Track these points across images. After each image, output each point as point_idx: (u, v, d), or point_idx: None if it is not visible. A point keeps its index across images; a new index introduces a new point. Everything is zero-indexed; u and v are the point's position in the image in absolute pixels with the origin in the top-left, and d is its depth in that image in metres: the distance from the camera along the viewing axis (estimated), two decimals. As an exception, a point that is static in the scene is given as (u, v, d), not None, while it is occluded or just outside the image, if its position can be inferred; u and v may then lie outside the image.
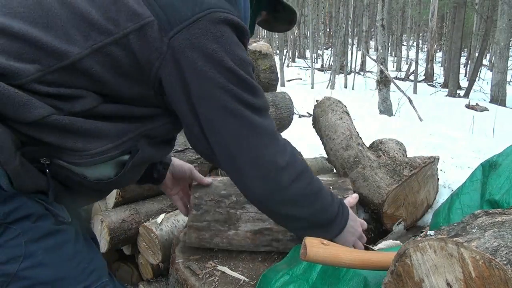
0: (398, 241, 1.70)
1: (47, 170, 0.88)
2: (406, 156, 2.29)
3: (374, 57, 10.53)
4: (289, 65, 22.41)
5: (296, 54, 27.59)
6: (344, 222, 1.17)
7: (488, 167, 1.66)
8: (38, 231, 0.86)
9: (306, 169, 1.08)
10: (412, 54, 24.45)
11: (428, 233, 0.70)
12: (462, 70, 19.79)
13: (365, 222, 1.33)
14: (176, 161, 1.38)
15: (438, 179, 2.30)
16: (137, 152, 0.97)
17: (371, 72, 20.29)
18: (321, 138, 2.41)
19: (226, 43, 0.92)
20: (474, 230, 0.66)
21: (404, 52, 28.52)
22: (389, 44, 24.21)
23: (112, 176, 0.97)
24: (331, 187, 1.40)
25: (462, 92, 14.34)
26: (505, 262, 0.57)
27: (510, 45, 12.54)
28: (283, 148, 1.02)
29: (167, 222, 1.73)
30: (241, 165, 0.98)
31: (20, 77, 0.82)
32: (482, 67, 17.93)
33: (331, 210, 1.13)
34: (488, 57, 23.53)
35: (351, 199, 1.38)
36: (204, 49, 0.90)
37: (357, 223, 1.27)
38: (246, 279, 1.24)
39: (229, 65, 0.92)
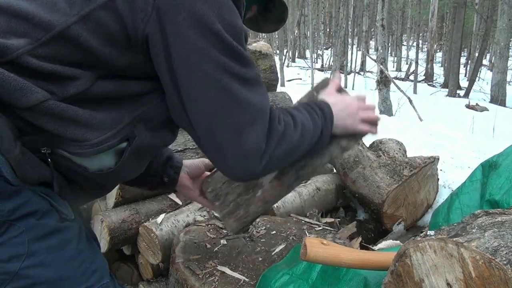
0: (398, 241, 1.70)
1: (49, 160, 0.86)
2: (406, 156, 2.29)
3: (374, 57, 10.54)
4: (289, 65, 22.39)
5: (296, 54, 27.59)
6: (330, 120, 1.10)
7: (488, 167, 1.66)
8: (42, 229, 0.85)
9: (286, 129, 0.98)
10: (412, 54, 24.45)
11: (428, 233, 0.70)
12: (462, 70, 19.79)
13: (363, 95, 1.23)
14: (186, 161, 1.35)
15: (438, 179, 2.30)
16: (134, 138, 0.93)
17: (371, 72, 20.27)
18: (321, 138, 2.41)
19: (218, 5, 0.85)
20: (474, 230, 0.66)
21: (404, 52, 28.51)
22: (389, 44, 24.21)
23: (112, 166, 0.95)
24: (315, 92, 1.33)
25: (462, 92, 14.33)
26: (505, 262, 0.57)
27: (510, 45, 12.54)
28: (269, 125, 0.94)
29: (167, 222, 1.73)
30: (220, 143, 0.90)
31: (11, 51, 0.80)
32: (482, 67, 17.92)
33: (317, 131, 1.06)
34: (488, 57, 23.53)
35: (334, 82, 1.24)
36: (191, 10, 0.84)
37: (346, 103, 1.15)
38: (246, 279, 1.24)
39: (217, 30, 0.85)
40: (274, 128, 0.95)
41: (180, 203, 1.96)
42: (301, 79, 17.14)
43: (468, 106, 9.65)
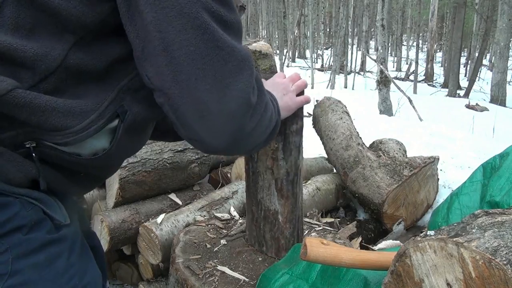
0: (398, 241, 1.70)
1: (34, 154, 0.77)
2: (406, 156, 2.29)
3: (374, 57, 10.53)
4: (289, 65, 22.40)
5: (296, 54, 27.61)
6: (277, 103, 0.99)
7: (490, 170, 1.66)
8: (28, 245, 0.78)
9: (268, 100, 0.89)
10: (412, 54, 24.46)
11: (428, 233, 0.70)
12: (462, 70, 19.80)
13: (282, 73, 1.21)
14: None
15: (438, 179, 2.30)
16: (126, 113, 0.81)
17: (371, 72, 20.29)
18: (321, 138, 2.41)
19: None
20: (474, 230, 0.66)
21: (404, 52, 28.54)
22: (389, 44, 24.23)
23: (107, 147, 0.84)
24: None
25: (462, 92, 14.34)
26: (505, 262, 0.57)
27: (510, 45, 12.54)
28: (256, 80, 0.83)
29: (167, 222, 1.73)
30: (200, 100, 0.73)
31: None
32: (482, 67, 17.93)
33: (275, 110, 0.95)
34: (488, 57, 23.54)
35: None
36: None
37: (276, 83, 1.10)
38: (246, 279, 1.24)
39: None
40: (261, 84, 0.84)
41: (180, 203, 1.96)
42: (301, 79, 17.10)
43: (468, 106, 9.66)
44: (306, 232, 1.61)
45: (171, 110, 0.77)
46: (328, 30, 32.31)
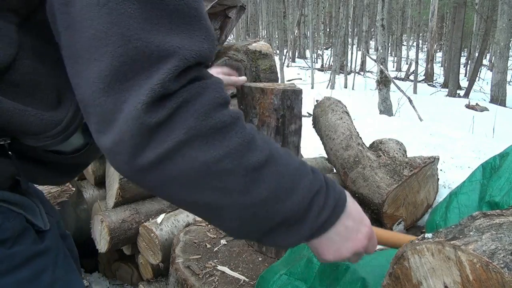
0: (398, 242, 1.70)
1: (10, 152, 0.69)
2: (406, 156, 2.30)
3: (374, 57, 10.53)
4: (289, 65, 22.41)
5: (296, 54, 27.60)
6: (333, 218, 0.68)
7: (490, 170, 1.67)
8: (12, 261, 0.71)
9: (231, 122, 0.57)
10: (412, 54, 24.45)
11: (426, 236, 0.70)
12: (462, 70, 19.80)
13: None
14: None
15: (438, 179, 2.30)
16: None
17: (371, 72, 20.29)
18: (321, 138, 2.42)
19: None
20: (471, 233, 0.66)
21: (404, 52, 28.53)
22: (389, 44, 24.23)
23: (91, 140, 0.77)
24: None
25: (462, 92, 14.34)
26: (502, 265, 0.57)
27: (510, 45, 12.53)
28: (198, 100, 0.55)
29: (167, 222, 1.73)
30: (92, 98, 0.55)
31: None
32: (482, 67, 17.93)
33: (296, 195, 0.62)
34: (488, 57, 23.54)
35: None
36: None
37: (362, 218, 0.76)
38: (246, 279, 1.25)
39: None
40: (205, 104, 0.56)
41: (180, 203, 1.96)
42: (301, 79, 17.15)
43: (468, 106, 9.66)
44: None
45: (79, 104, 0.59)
46: (328, 30, 32.29)
